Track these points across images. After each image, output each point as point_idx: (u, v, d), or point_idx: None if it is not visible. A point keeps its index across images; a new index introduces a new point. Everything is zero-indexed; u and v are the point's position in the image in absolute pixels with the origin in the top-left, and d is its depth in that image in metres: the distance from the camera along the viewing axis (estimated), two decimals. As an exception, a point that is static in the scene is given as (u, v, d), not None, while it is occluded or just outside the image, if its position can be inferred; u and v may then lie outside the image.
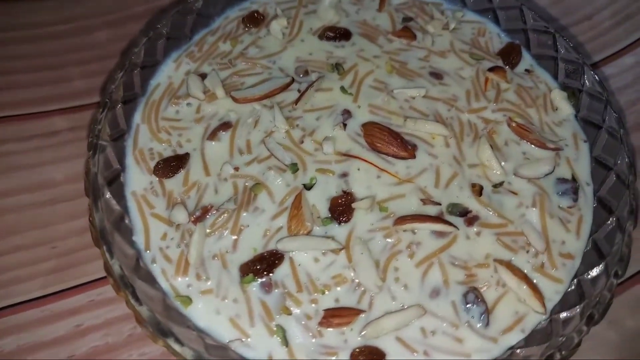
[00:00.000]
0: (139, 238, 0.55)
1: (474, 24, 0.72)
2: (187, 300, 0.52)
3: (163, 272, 0.53)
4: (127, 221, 0.56)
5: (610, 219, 0.56)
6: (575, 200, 0.58)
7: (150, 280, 0.53)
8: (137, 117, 0.63)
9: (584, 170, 0.61)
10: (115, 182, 0.58)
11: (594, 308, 0.49)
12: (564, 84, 0.67)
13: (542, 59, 0.69)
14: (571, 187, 0.59)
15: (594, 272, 0.53)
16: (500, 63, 0.68)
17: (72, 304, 0.64)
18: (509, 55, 0.68)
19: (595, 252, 0.55)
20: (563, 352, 0.47)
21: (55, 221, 0.68)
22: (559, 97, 0.65)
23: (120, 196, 0.57)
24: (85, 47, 0.80)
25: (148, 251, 0.55)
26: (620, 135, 0.59)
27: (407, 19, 0.72)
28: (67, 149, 0.71)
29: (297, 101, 0.63)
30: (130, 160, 0.60)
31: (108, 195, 0.55)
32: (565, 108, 0.65)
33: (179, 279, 0.53)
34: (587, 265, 0.55)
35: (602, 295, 0.50)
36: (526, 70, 0.69)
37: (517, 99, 0.65)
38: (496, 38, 0.71)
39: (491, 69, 0.66)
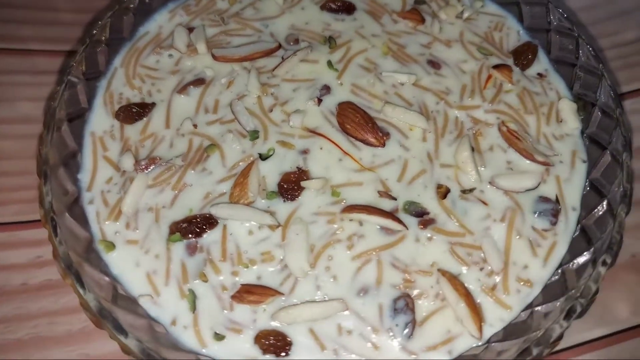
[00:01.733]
0: (84, 177, 0.55)
1: (493, 17, 0.66)
2: (111, 245, 0.51)
3: (97, 214, 0.53)
4: (78, 158, 0.56)
5: (588, 251, 0.49)
6: (554, 223, 0.52)
7: (82, 220, 0.53)
8: (117, 60, 0.62)
9: (573, 193, 0.54)
10: (78, 119, 0.58)
11: (534, 343, 0.43)
12: (578, 95, 0.59)
13: (560, 64, 0.62)
14: (552, 208, 0.52)
15: (552, 305, 0.47)
16: (510, 62, 0.62)
17: (39, 235, 0.65)
18: (522, 55, 0.62)
19: (560, 285, 0.48)
20: (483, 384, 0.42)
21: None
22: (568, 108, 0.58)
23: (78, 134, 0.57)
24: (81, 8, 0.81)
25: (89, 192, 0.54)
26: (622, 159, 0.51)
27: (419, 1, 0.66)
28: (44, 90, 0.72)
29: (275, 67, 0.60)
30: (99, 102, 0.60)
31: (65, 129, 0.55)
32: (572, 121, 0.58)
33: (109, 223, 0.52)
34: (546, 296, 0.48)
35: (548, 330, 0.43)
36: (539, 74, 0.62)
37: (518, 103, 0.59)
38: (514, 35, 0.65)
39: (496, 67, 0.60)
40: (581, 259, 0.49)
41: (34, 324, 0.59)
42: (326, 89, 0.59)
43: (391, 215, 0.51)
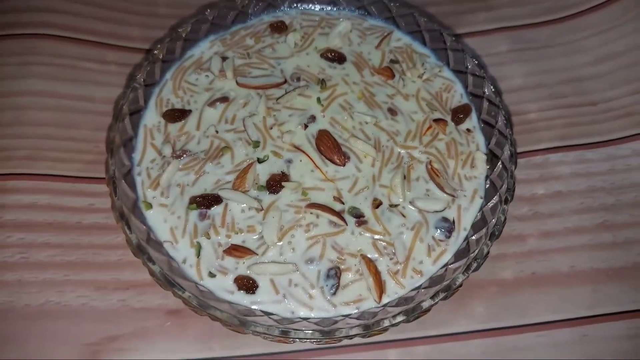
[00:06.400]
0: (137, 156, 0.79)
1: (446, 80, 0.88)
2: (149, 205, 0.75)
3: (142, 183, 0.77)
4: (133, 142, 0.80)
5: (465, 258, 0.72)
6: (448, 237, 0.75)
7: (132, 185, 0.76)
8: (169, 74, 0.86)
9: (468, 219, 0.76)
10: (137, 114, 0.82)
11: (405, 312, 0.66)
12: (490, 150, 0.82)
13: (485, 124, 0.84)
14: (448, 226, 0.75)
15: (432, 290, 0.70)
16: (448, 117, 0.84)
17: (93, 189, 0.85)
18: (459, 113, 0.84)
19: (441, 277, 0.72)
20: (371, 329, 0.65)
21: (100, 127, 0.93)
22: (480, 159, 0.80)
23: (135, 124, 0.81)
24: (149, 6, 1.05)
25: (138, 166, 0.78)
26: (503, 201, 0.74)
27: (394, 61, 0.89)
28: (110, 78, 0.92)
29: (279, 97, 0.83)
30: (152, 102, 0.83)
31: (127, 120, 0.79)
32: (481, 168, 0.80)
33: (149, 190, 0.76)
34: (430, 283, 0.72)
35: (418, 306, 0.67)
36: (467, 129, 0.84)
37: (445, 149, 0.81)
38: (458, 97, 0.86)
39: (436, 120, 0.83)
40: (460, 263, 0.72)
41: (83, 252, 0.78)
42: (312, 118, 0.82)
43: (338, 214, 0.74)
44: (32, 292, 0.77)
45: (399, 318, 0.66)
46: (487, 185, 0.79)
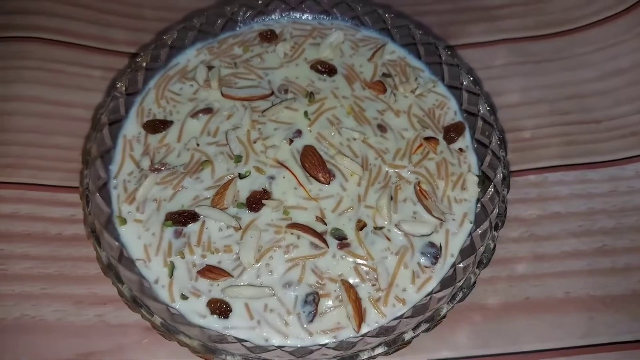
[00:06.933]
0: (114, 167, 0.76)
1: (440, 96, 0.84)
2: (123, 220, 0.72)
3: (118, 196, 0.74)
4: (111, 153, 0.77)
5: (451, 287, 0.68)
6: (434, 264, 0.71)
7: (107, 199, 0.73)
8: (152, 83, 0.83)
9: (456, 245, 0.72)
10: (116, 124, 0.79)
11: (386, 343, 0.63)
12: (483, 171, 0.78)
13: (479, 144, 0.80)
14: (435, 252, 0.71)
15: (414, 320, 0.66)
16: (440, 136, 0.80)
17: (74, 198, 0.80)
18: (451, 132, 0.80)
19: (425, 307, 0.68)
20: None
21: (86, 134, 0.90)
22: (472, 180, 0.76)
23: (114, 135, 0.78)
24: (133, 15, 1.02)
25: (115, 179, 0.75)
26: (492, 227, 0.70)
27: (386, 75, 0.85)
28: (98, 83, 0.90)
29: (265, 110, 0.80)
30: (133, 112, 0.80)
31: (105, 131, 0.76)
32: (472, 191, 0.76)
33: (125, 205, 0.74)
34: (414, 313, 0.68)
35: (399, 337, 0.63)
36: (460, 149, 0.80)
37: (435, 170, 0.77)
38: (451, 114, 0.83)
39: (427, 138, 0.79)
40: (445, 292, 0.69)
41: (61, 264, 0.76)
42: (298, 133, 0.78)
43: (320, 235, 0.70)
44: (8, 306, 0.75)
45: (379, 350, 0.63)
46: (478, 209, 0.75)
